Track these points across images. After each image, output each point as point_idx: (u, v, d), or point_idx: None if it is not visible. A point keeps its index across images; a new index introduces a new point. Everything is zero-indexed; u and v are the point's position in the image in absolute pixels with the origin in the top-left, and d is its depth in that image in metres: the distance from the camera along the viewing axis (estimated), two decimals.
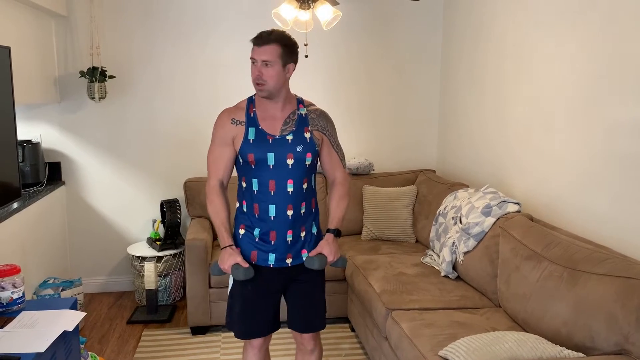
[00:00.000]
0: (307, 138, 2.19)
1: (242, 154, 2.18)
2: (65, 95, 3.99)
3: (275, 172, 2.16)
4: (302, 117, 2.22)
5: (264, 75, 2.10)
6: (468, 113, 3.92)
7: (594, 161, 2.57)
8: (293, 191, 2.18)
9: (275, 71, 2.11)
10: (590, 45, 2.58)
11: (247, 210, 2.24)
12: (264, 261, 2.23)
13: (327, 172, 2.34)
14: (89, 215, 4.15)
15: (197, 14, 4.07)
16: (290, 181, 2.17)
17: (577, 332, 2.09)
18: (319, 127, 2.24)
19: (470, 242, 2.95)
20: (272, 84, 2.12)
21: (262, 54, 2.09)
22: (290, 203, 2.19)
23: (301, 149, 2.17)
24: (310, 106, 2.28)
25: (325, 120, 2.28)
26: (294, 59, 2.18)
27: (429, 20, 4.33)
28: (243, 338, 2.34)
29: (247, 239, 2.24)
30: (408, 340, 2.40)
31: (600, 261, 2.15)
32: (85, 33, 3.94)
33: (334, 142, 2.30)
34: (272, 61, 2.10)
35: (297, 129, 2.19)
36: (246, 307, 2.28)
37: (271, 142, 2.15)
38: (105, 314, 3.83)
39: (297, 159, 2.17)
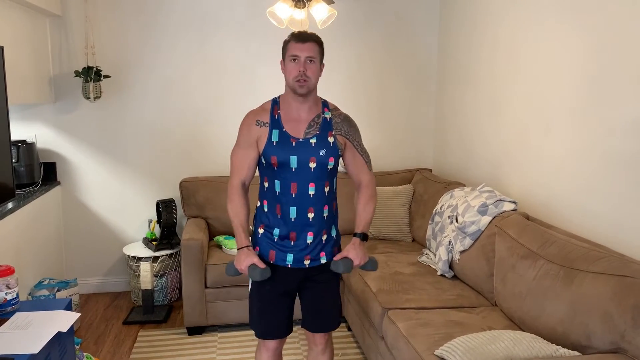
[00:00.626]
0: (330, 142, 2.19)
1: (265, 155, 2.17)
2: (60, 95, 3.98)
3: (297, 174, 2.16)
4: (327, 121, 2.22)
5: (308, 71, 2.12)
6: (464, 112, 3.91)
7: (589, 160, 2.57)
8: (314, 194, 2.18)
9: (317, 67, 2.16)
10: (586, 45, 2.58)
11: (269, 210, 2.24)
12: (282, 261, 2.23)
13: (353, 175, 2.33)
14: (85, 215, 4.13)
15: (193, 13, 4.05)
16: (312, 184, 2.17)
17: (573, 331, 2.09)
18: (343, 132, 2.24)
19: (466, 241, 2.95)
20: (314, 80, 2.16)
21: (307, 51, 2.12)
22: (312, 206, 2.19)
23: (324, 153, 2.17)
24: (335, 110, 2.29)
25: (349, 125, 2.27)
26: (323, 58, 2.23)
27: (425, 19, 4.32)
28: (262, 338, 2.35)
29: (266, 238, 2.24)
30: (404, 339, 2.40)
31: (596, 260, 2.14)
32: (80, 32, 3.93)
33: (358, 145, 2.29)
34: (315, 57, 2.14)
35: (321, 133, 2.19)
36: (264, 307, 2.30)
37: (294, 145, 2.15)
38: (101, 314, 3.82)
39: (320, 163, 2.16)
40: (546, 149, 2.92)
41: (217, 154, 4.16)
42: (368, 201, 2.29)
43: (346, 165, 2.32)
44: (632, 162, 2.30)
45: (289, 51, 2.15)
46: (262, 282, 2.23)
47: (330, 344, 2.42)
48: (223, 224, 3.91)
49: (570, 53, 2.69)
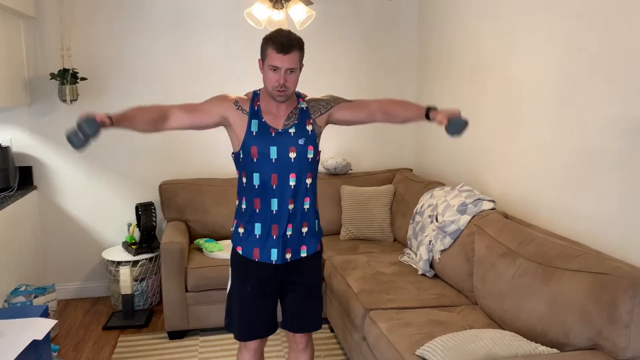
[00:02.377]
0: (308, 130, 2.19)
1: (245, 145, 2.15)
2: (36, 98, 3.91)
3: (277, 165, 2.15)
4: (304, 110, 2.22)
5: (288, 82, 2.09)
6: None
7: (566, 158, 2.59)
8: (295, 185, 2.17)
9: (297, 76, 2.12)
10: (563, 45, 2.61)
11: (247, 206, 2.22)
12: (267, 258, 2.21)
13: (364, 116, 2.30)
14: (63, 220, 4.07)
15: (171, 13, 4.01)
16: (292, 175, 2.17)
17: (552, 328, 2.11)
18: (322, 109, 2.25)
19: (446, 240, 2.96)
20: (293, 89, 2.14)
21: (288, 62, 2.06)
22: (292, 197, 2.18)
23: (303, 142, 2.16)
24: (307, 97, 2.29)
25: (318, 102, 2.27)
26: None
27: (405, 19, 4.34)
28: (243, 340, 2.33)
29: (248, 236, 2.22)
30: (386, 339, 2.40)
31: (573, 257, 2.17)
32: (55, 34, 3.86)
33: (344, 100, 2.30)
34: (295, 67, 2.09)
35: (299, 122, 2.19)
36: (245, 308, 2.27)
37: (274, 135, 2.15)
38: (80, 320, 3.76)
39: (299, 152, 2.16)
40: (524, 148, 2.94)
41: (197, 156, 4.12)
42: (398, 103, 2.33)
43: (351, 119, 2.30)
44: (606, 159, 2.33)
45: (268, 59, 2.07)
46: (242, 283, 2.23)
47: (310, 344, 2.41)
48: (204, 226, 3.88)
49: (546, 53, 2.72)
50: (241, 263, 2.26)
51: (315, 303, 2.38)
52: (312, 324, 2.37)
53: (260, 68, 2.17)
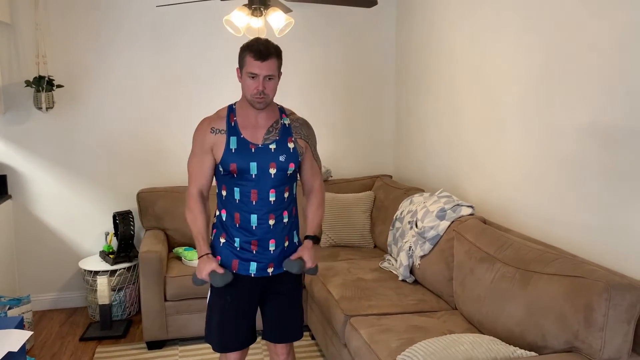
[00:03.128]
0: (290, 148, 2.18)
1: (224, 163, 2.14)
2: (10, 106, 3.84)
3: (257, 181, 2.14)
4: (286, 126, 2.21)
5: (267, 89, 2.09)
6: (422, 119, 3.97)
7: (541, 164, 2.64)
8: (275, 200, 2.17)
9: (275, 84, 2.12)
10: (535, 52, 2.66)
11: (227, 219, 2.21)
12: (245, 270, 2.20)
13: (307, 180, 2.34)
14: (38, 229, 3.99)
15: (148, 21, 3.99)
16: (272, 190, 2.16)
17: (530, 332, 2.14)
18: (302, 136, 2.25)
19: (426, 246, 2.98)
20: (272, 96, 2.14)
21: (266, 69, 2.06)
22: (272, 212, 2.17)
23: (284, 159, 2.16)
24: (292, 115, 2.28)
25: (308, 129, 2.28)
26: None
27: (383, 27, 4.38)
28: (222, 351, 2.30)
29: (228, 247, 2.21)
30: (366, 346, 2.40)
31: (550, 261, 2.20)
32: (31, 41, 3.81)
33: (315, 151, 2.32)
34: (274, 74, 2.09)
35: (280, 138, 2.17)
36: (224, 319, 2.25)
37: (254, 151, 2.13)
38: (57, 331, 3.69)
39: (280, 169, 2.15)
40: (501, 155, 2.99)
41: (175, 163, 4.09)
42: (320, 205, 2.33)
43: (302, 170, 2.31)
44: (580, 165, 2.37)
45: (247, 66, 2.08)
46: (222, 294, 2.21)
47: (292, 354, 2.40)
48: (182, 235, 3.84)
49: (523, 61, 2.77)
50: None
51: (296, 313, 2.36)
52: (293, 334, 2.35)
53: (238, 77, 2.17)
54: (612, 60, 2.19)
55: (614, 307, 1.88)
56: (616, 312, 1.88)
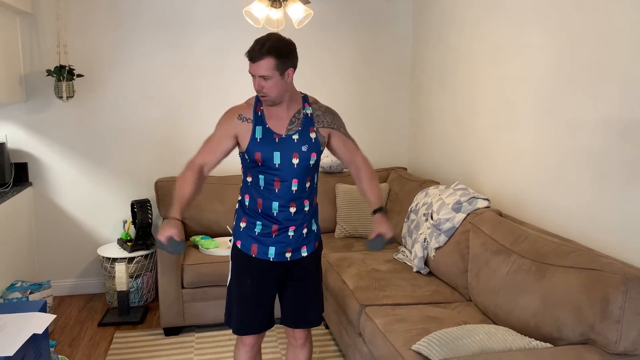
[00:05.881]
0: (312, 138, 2.20)
1: (249, 152, 2.17)
2: (32, 95, 3.91)
3: (280, 170, 2.17)
4: (308, 116, 2.23)
5: (265, 87, 2.10)
6: (438, 111, 3.98)
7: (558, 157, 2.64)
8: (297, 190, 2.21)
9: (274, 82, 2.09)
10: (555, 45, 2.65)
11: (250, 203, 2.25)
12: (264, 254, 2.25)
13: (347, 159, 2.36)
14: (58, 216, 4.07)
15: (168, 10, 4.03)
16: (295, 180, 2.19)
17: (545, 324, 2.15)
18: (325, 124, 2.26)
19: (441, 238, 3.00)
20: (274, 94, 2.12)
21: (258, 70, 2.07)
22: (293, 201, 2.21)
23: (306, 149, 2.18)
24: (315, 103, 2.29)
25: (332, 116, 2.30)
26: (293, 62, 2.13)
27: (400, 18, 4.38)
28: (240, 334, 2.35)
29: (248, 232, 2.26)
30: (381, 335, 2.43)
31: (566, 254, 2.21)
32: (52, 31, 3.86)
33: (345, 131, 2.33)
34: (268, 75, 2.07)
35: (303, 129, 2.20)
36: (244, 302, 2.30)
37: (277, 141, 2.16)
38: (76, 316, 3.77)
39: (302, 159, 2.18)
40: (517, 148, 2.99)
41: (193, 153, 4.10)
42: (372, 177, 2.35)
43: (338, 153, 2.34)
44: (597, 159, 2.37)
45: (248, 67, 2.12)
46: (242, 277, 2.25)
47: (309, 339, 2.44)
48: (199, 223, 3.89)
49: (540, 54, 2.76)
50: (240, 257, 2.29)
51: (315, 299, 2.40)
52: (311, 320, 2.39)
53: None
54: (629, 53, 2.18)
55: (630, 300, 1.89)
56: (633, 304, 1.89)
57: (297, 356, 2.44)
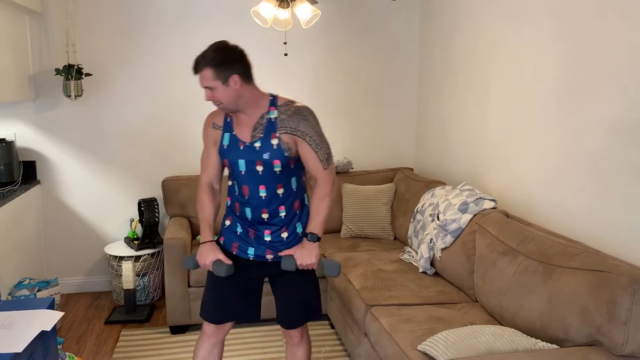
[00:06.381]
0: (273, 145, 2.13)
1: (220, 158, 2.24)
2: (40, 93, 3.94)
3: (247, 177, 2.18)
4: (271, 121, 2.14)
5: (214, 97, 2.10)
6: (445, 112, 3.97)
7: (565, 159, 2.64)
8: (266, 196, 2.19)
9: (220, 91, 2.08)
10: (563, 47, 2.65)
11: (231, 206, 2.31)
12: (244, 253, 2.27)
13: (309, 171, 2.24)
14: (65, 214, 4.09)
15: (176, 11, 4.04)
16: (262, 187, 2.18)
17: (551, 325, 2.15)
18: (289, 129, 2.13)
19: (447, 239, 3.00)
20: (226, 101, 2.10)
21: (201, 81, 2.09)
22: (265, 207, 2.20)
23: (268, 157, 2.13)
24: (285, 106, 2.16)
25: (298, 121, 2.13)
26: (236, 69, 2.08)
27: (408, 19, 4.38)
28: (202, 317, 2.37)
29: (230, 230, 2.30)
30: (387, 335, 2.43)
31: (573, 255, 2.21)
32: (61, 30, 3.89)
33: (311, 140, 2.15)
34: (211, 85, 2.07)
35: (264, 136, 2.14)
36: (210, 288, 2.33)
37: (242, 149, 2.17)
38: (83, 314, 3.79)
39: (266, 166, 2.15)
40: (524, 149, 2.98)
41: (200, 152, 4.13)
42: (321, 199, 2.20)
43: (303, 162, 2.22)
44: (604, 161, 2.37)
45: None
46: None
47: (305, 336, 2.44)
48: None
49: (548, 55, 2.76)
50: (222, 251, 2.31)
51: (305, 297, 2.35)
52: (297, 321, 2.35)
53: None
54: (637, 55, 2.18)
55: (637, 301, 1.89)
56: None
57: (295, 355, 2.45)
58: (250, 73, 2.14)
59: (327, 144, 2.20)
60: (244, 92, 2.12)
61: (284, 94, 2.39)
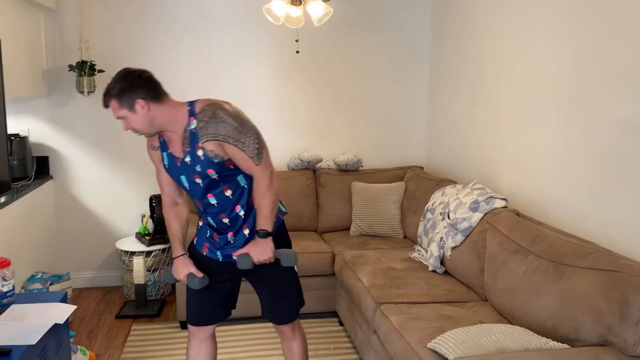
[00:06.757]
0: (200, 156, 2.08)
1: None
2: (54, 89, 3.97)
3: (193, 191, 2.20)
4: (193, 132, 2.07)
5: (128, 126, 2.08)
6: (455, 110, 3.96)
7: (577, 158, 2.62)
8: (218, 202, 2.20)
9: (131, 119, 2.04)
10: (576, 44, 2.63)
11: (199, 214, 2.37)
12: (213, 255, 2.31)
13: (246, 171, 2.16)
14: (78, 209, 4.13)
15: (190, 8, 4.06)
16: (209, 195, 2.19)
17: (563, 325, 2.14)
18: (209, 136, 2.05)
19: (457, 237, 2.99)
20: (141, 127, 2.07)
21: (113, 114, 2.07)
22: (222, 212, 2.22)
23: (200, 168, 2.11)
24: (202, 112, 2.06)
25: (216, 125, 2.03)
26: (139, 93, 2.01)
27: (419, 17, 4.37)
28: (188, 322, 2.41)
29: (203, 231, 2.34)
30: (397, 333, 2.44)
31: (585, 255, 2.20)
32: (74, 27, 3.92)
33: (235, 140, 2.04)
34: (120, 115, 2.05)
35: (190, 149, 2.09)
36: (191, 295, 2.37)
37: (179, 165, 2.16)
38: (94, 308, 3.83)
39: (203, 177, 2.13)
40: (536, 148, 2.97)
41: None
42: (261, 195, 2.14)
43: (237, 164, 2.14)
44: (617, 160, 2.35)
45: None
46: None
47: (297, 329, 2.44)
48: None
49: (561, 52, 2.74)
50: (195, 251, 2.36)
51: (285, 293, 2.36)
52: (281, 317, 2.37)
53: None
54: None
55: None
56: None
57: (291, 349, 2.46)
58: (157, 93, 2.07)
59: (254, 138, 2.07)
60: (156, 113, 2.05)
61: (295, 91, 2.39)
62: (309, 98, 4.29)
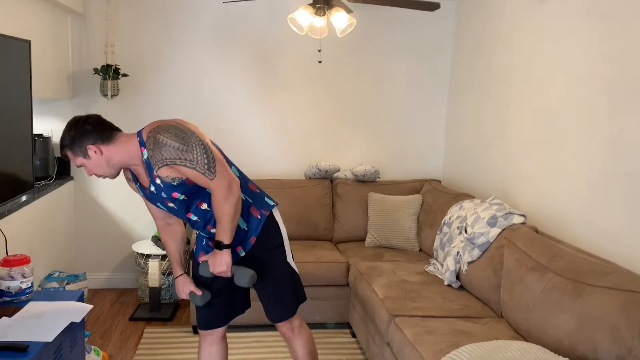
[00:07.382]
0: (159, 184, 2.09)
1: None
2: (78, 91, 4.04)
3: (173, 213, 2.26)
4: (147, 162, 2.07)
5: (90, 172, 2.13)
6: (474, 125, 3.95)
7: (598, 176, 2.59)
8: (199, 217, 2.23)
9: (89, 165, 2.09)
10: (599, 61, 2.61)
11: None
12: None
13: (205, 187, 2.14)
14: (96, 211, 4.18)
15: (215, 17, 4.11)
16: (188, 214, 2.23)
17: (580, 344, 2.11)
18: (160, 164, 2.03)
19: (474, 252, 2.97)
20: (101, 171, 2.12)
21: (72, 162, 2.15)
22: (207, 225, 2.26)
23: (166, 194, 2.13)
24: (148, 140, 2.04)
25: (160, 150, 2.01)
26: (88, 139, 2.04)
27: (440, 31, 4.37)
28: (198, 327, 2.47)
29: (200, 239, 2.40)
30: (411, 346, 2.42)
31: (604, 274, 2.17)
32: (101, 31, 3.99)
33: (182, 161, 2.01)
34: (79, 163, 2.10)
35: (151, 178, 2.11)
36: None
37: (149, 195, 2.20)
38: (108, 309, 3.85)
39: (172, 201, 2.16)
40: (556, 164, 2.95)
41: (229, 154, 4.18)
42: (218, 209, 2.10)
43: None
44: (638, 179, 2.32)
45: None
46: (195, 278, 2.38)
47: (298, 329, 2.44)
48: None
49: (583, 68, 2.72)
50: (193, 259, 2.46)
51: (278, 290, 2.37)
52: (277, 316, 2.40)
53: None
54: None
55: None
56: None
57: (294, 349, 2.47)
58: (106, 134, 2.08)
59: (201, 153, 2.03)
60: (110, 154, 2.08)
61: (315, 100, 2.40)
62: (328, 108, 4.30)
